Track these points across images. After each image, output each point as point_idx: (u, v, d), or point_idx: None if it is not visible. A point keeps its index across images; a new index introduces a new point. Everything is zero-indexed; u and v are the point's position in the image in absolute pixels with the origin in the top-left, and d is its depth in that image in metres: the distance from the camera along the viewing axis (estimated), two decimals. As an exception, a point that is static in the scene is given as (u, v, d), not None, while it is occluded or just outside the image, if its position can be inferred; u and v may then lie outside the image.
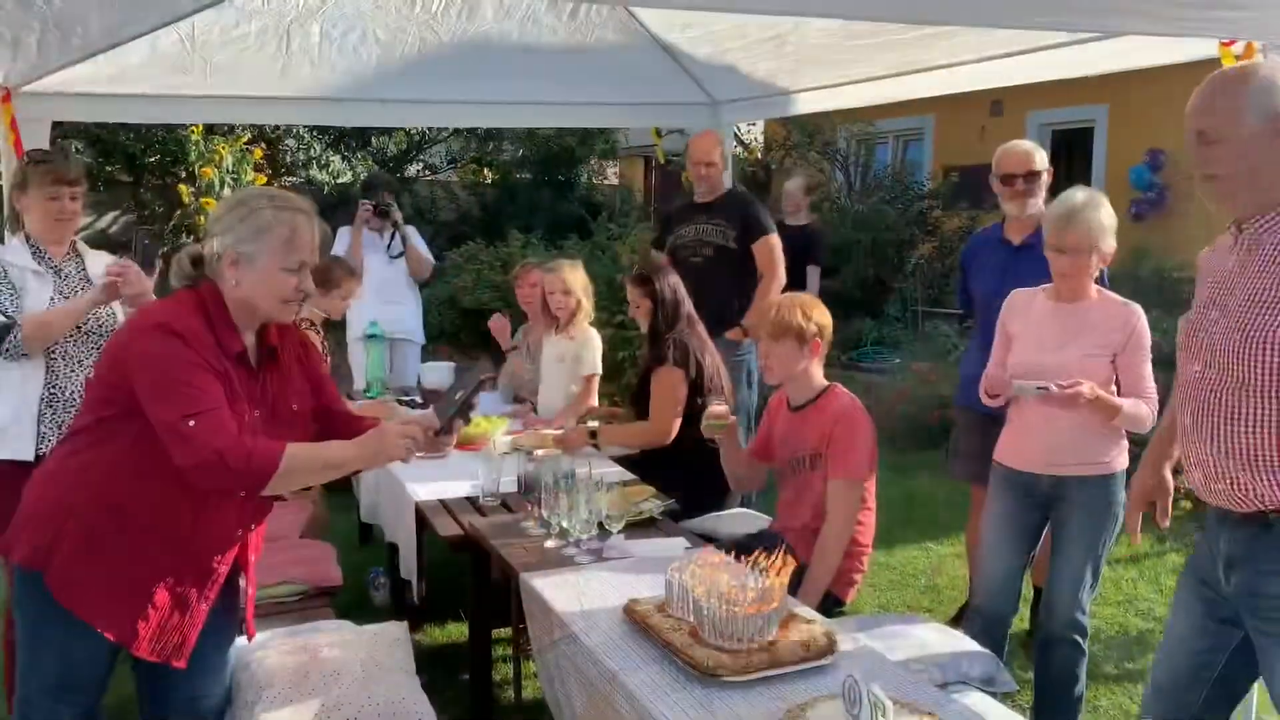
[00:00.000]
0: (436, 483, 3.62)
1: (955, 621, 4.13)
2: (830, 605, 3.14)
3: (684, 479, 3.79)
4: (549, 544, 2.88)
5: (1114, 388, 3.03)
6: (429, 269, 6.08)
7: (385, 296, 5.68)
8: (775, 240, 4.88)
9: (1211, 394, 2.13)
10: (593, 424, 4.10)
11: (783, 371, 3.27)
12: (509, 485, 3.35)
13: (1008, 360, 3.14)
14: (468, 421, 2.44)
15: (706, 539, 3.33)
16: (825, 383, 3.30)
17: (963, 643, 2.80)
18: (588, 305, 4.63)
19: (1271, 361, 2.02)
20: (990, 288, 3.57)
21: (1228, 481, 2.13)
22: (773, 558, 2.20)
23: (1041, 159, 3.76)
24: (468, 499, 3.44)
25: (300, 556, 3.48)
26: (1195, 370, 2.17)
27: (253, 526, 2.39)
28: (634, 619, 2.29)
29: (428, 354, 9.43)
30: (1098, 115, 12.45)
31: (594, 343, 4.62)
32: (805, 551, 3.09)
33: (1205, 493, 2.21)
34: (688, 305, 4.12)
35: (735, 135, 6.46)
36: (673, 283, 4.11)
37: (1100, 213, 2.99)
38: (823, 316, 3.26)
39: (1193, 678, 2.33)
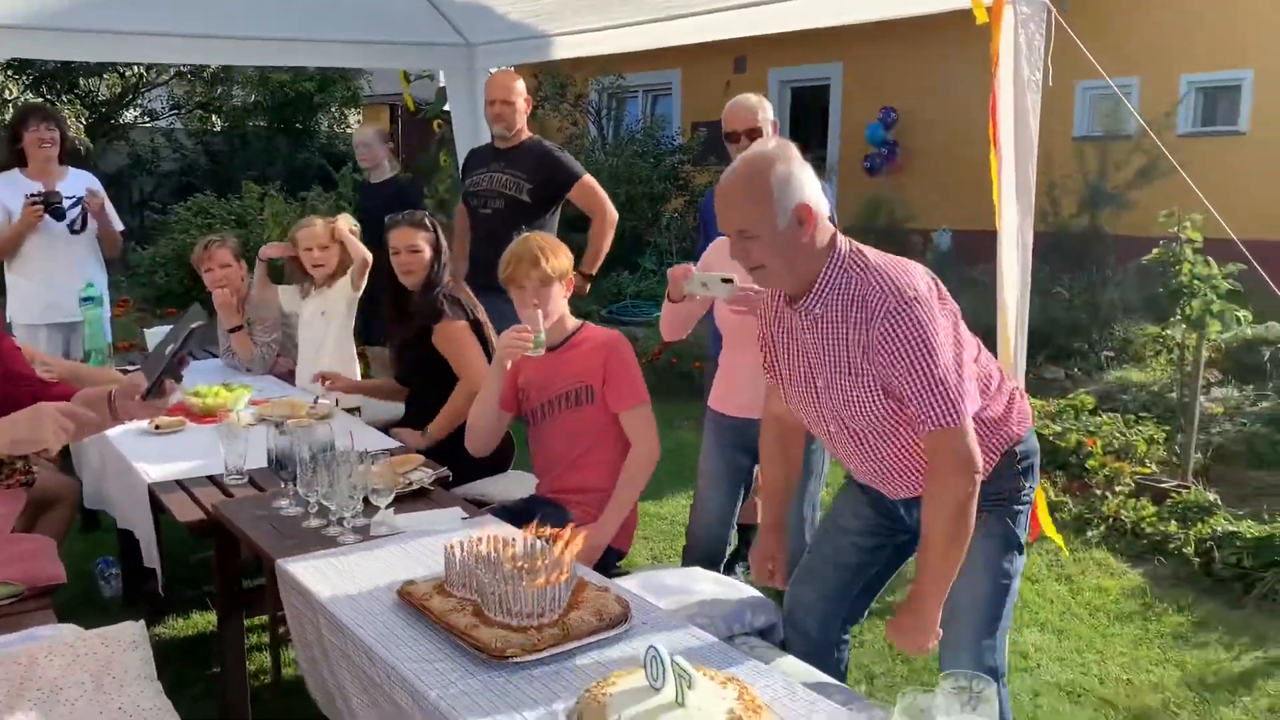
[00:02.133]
0: (172, 462, 3.25)
1: (727, 568, 4.20)
2: (611, 559, 3.05)
3: (451, 442, 3.60)
4: (308, 524, 2.61)
5: None
6: (119, 247, 5.22)
7: (63, 279, 4.80)
8: (590, 181, 4.65)
9: (845, 437, 2.33)
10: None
11: (555, 316, 3.11)
12: (257, 462, 3.04)
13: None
14: (179, 379, 2.14)
15: (480, 505, 3.16)
16: (576, 320, 3.18)
17: (740, 590, 2.77)
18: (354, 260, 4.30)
19: (877, 414, 2.22)
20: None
21: (879, 481, 2.39)
22: (562, 529, 2.06)
23: (765, 115, 3.68)
24: (209, 478, 3.10)
25: (12, 554, 3.01)
26: (824, 429, 2.37)
27: None
28: (410, 602, 2.09)
29: (156, 318, 8.65)
30: (833, 73, 13.00)
31: (344, 287, 4.28)
32: (586, 511, 2.98)
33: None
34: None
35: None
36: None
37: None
38: (565, 248, 3.13)
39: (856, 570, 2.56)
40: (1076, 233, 9.59)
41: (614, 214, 4.72)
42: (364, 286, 4.28)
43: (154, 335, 4.89)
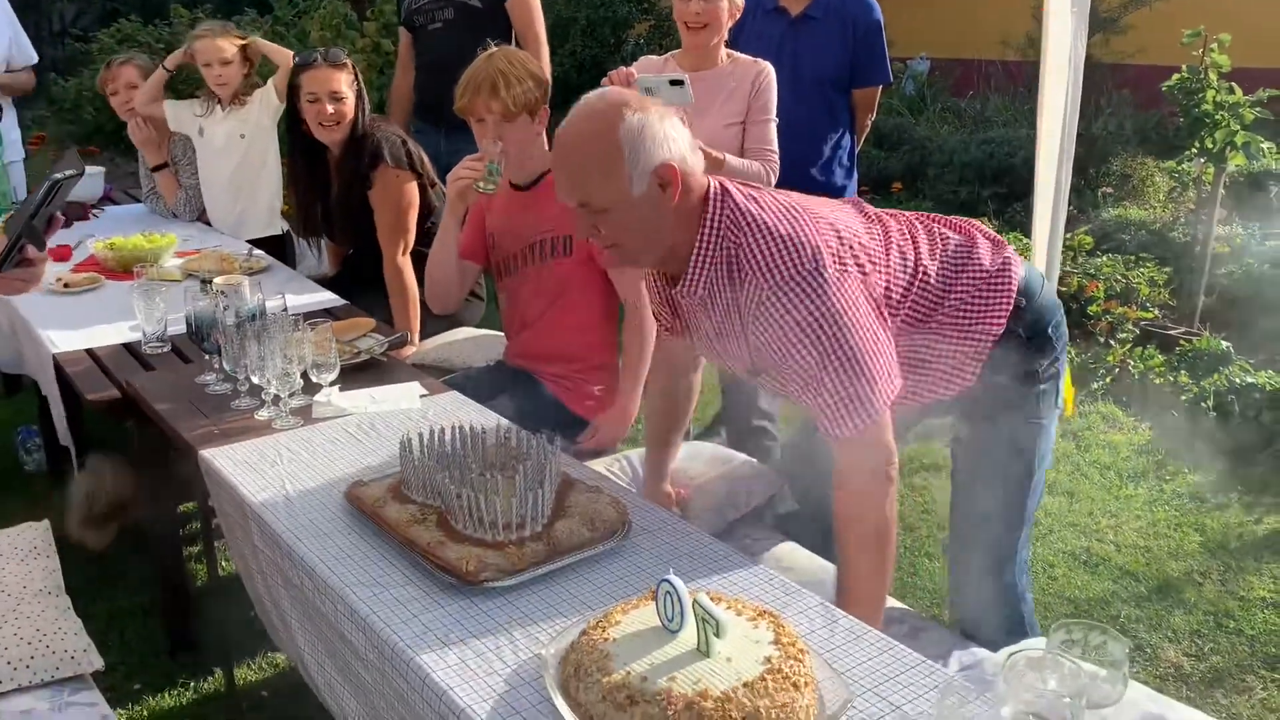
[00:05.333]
0: (83, 327, 2.81)
1: (709, 429, 3.89)
2: (580, 427, 2.67)
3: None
4: (238, 404, 2.22)
5: None
6: (30, 84, 4.54)
7: None
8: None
9: None
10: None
11: (522, 156, 2.64)
12: (179, 324, 2.60)
13: None
14: (42, 245, 1.70)
15: (437, 372, 2.78)
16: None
17: (737, 462, 2.44)
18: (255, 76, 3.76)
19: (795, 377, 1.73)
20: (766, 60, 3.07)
21: None
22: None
23: None
24: (125, 346, 2.67)
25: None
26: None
27: None
28: (362, 508, 1.72)
29: (84, 158, 7.96)
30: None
31: (275, 101, 3.72)
32: (559, 382, 2.60)
33: None
34: None
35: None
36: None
37: None
38: (541, 71, 2.61)
39: None
40: (1067, 60, 9.07)
41: (544, 41, 4.02)
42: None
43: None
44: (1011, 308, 1.85)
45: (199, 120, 3.80)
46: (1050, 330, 1.92)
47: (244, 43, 3.74)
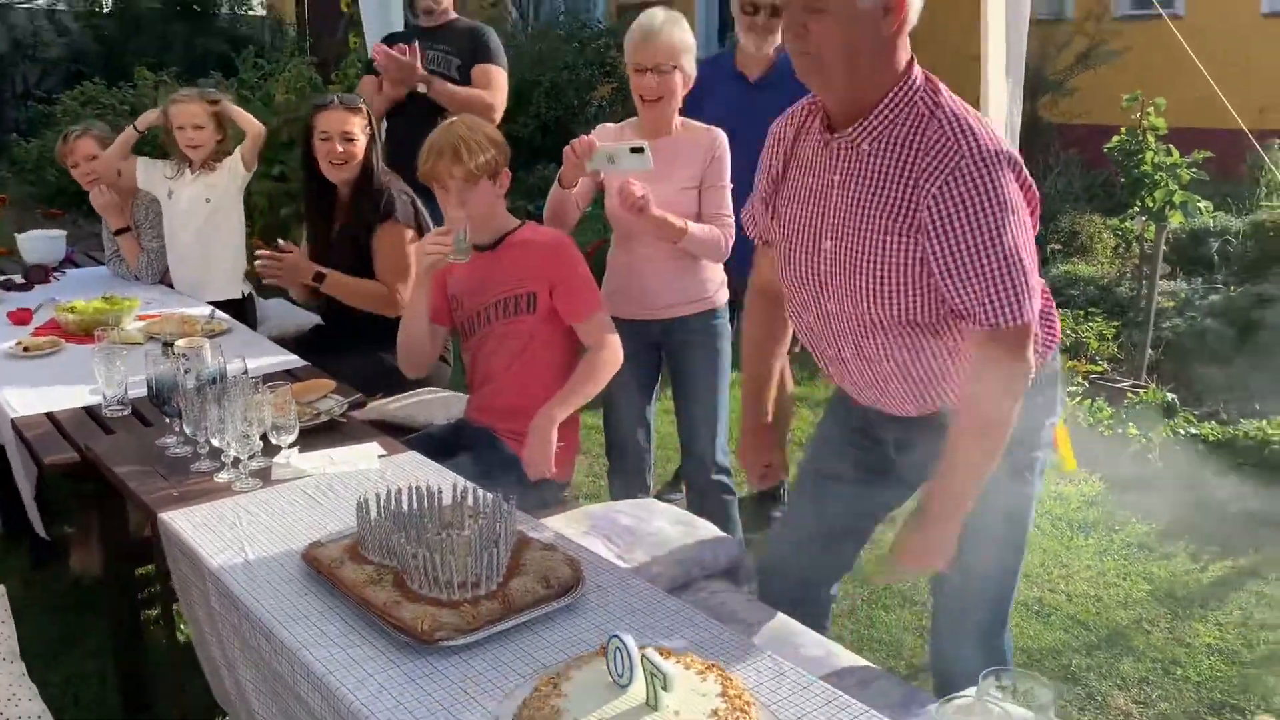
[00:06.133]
0: (43, 389, 2.83)
1: (671, 485, 3.94)
2: (554, 490, 2.72)
3: (363, 354, 3.24)
4: (198, 467, 2.24)
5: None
6: None
7: None
8: (497, 70, 4.14)
9: (852, 332, 1.89)
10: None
11: (485, 218, 2.70)
12: (139, 388, 2.63)
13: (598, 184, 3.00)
14: None
15: (400, 430, 2.81)
16: (515, 218, 2.77)
17: (699, 529, 2.49)
18: (234, 141, 3.83)
19: (894, 296, 1.79)
20: (724, 124, 3.18)
21: (871, 390, 1.96)
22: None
23: None
24: (85, 410, 2.69)
25: None
26: (814, 310, 1.93)
27: None
28: (319, 569, 1.75)
29: (38, 220, 7.96)
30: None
31: (235, 164, 3.82)
32: (519, 439, 2.64)
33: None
34: None
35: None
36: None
37: (682, 30, 2.88)
38: (498, 134, 2.69)
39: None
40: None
41: (495, 115, 4.12)
42: (256, 167, 3.83)
43: (29, 240, 4.37)
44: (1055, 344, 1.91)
45: (168, 182, 3.85)
46: (1057, 388, 1.98)
47: (217, 109, 3.81)
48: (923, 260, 1.72)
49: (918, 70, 1.76)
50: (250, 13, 16.23)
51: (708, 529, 2.47)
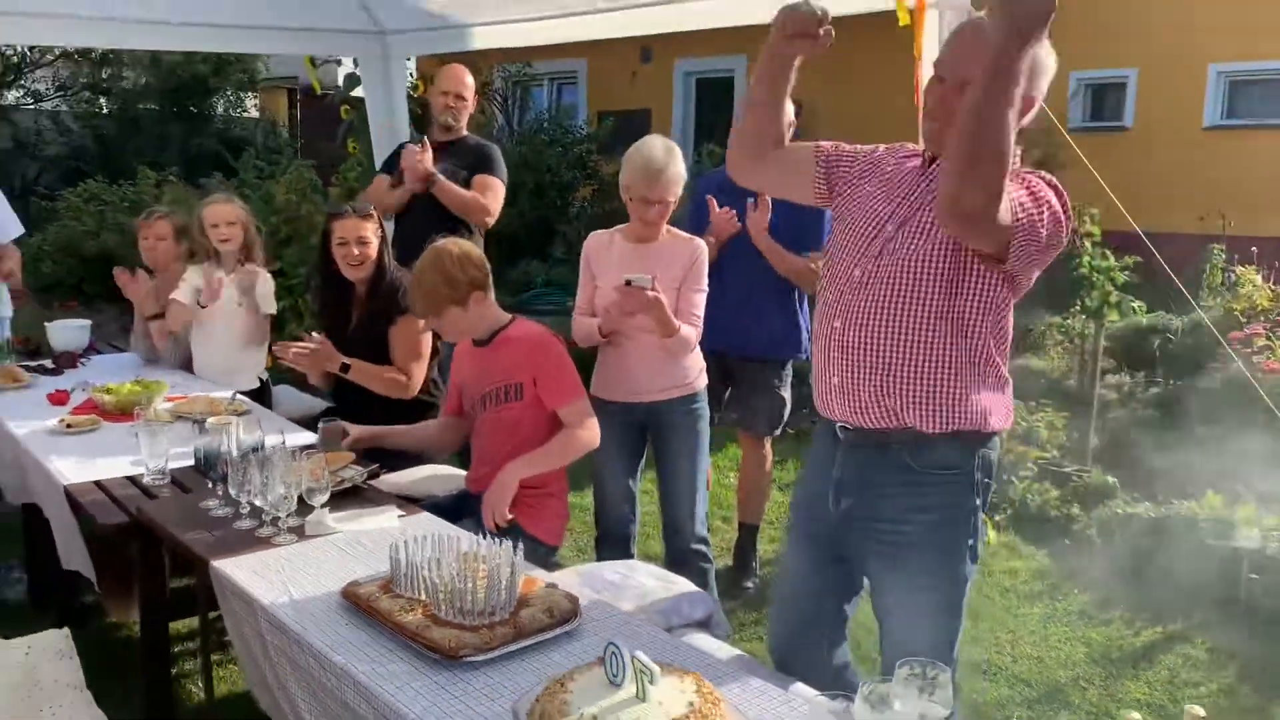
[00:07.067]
0: (88, 459, 3.14)
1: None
2: (543, 553, 3.05)
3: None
4: (240, 525, 2.56)
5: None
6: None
7: None
8: (495, 180, 4.59)
9: (870, 302, 2.16)
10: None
11: (466, 330, 3.13)
12: (179, 459, 2.96)
13: (595, 297, 3.40)
14: None
15: (407, 500, 3.14)
16: (506, 315, 3.17)
17: (677, 584, 2.81)
18: (258, 239, 4.23)
19: (935, 275, 2.09)
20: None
21: (867, 384, 2.17)
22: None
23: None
24: (129, 479, 3.00)
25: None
26: (858, 281, 2.18)
27: None
28: (357, 603, 2.07)
29: (54, 312, 8.28)
30: (738, 66, 13.12)
31: (270, 280, 4.24)
32: (514, 506, 2.97)
33: (833, 401, 2.25)
34: None
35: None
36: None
37: (679, 163, 3.28)
38: (467, 260, 3.04)
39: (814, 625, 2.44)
40: (976, 225, 9.90)
41: (489, 219, 4.62)
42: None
43: (59, 328, 4.71)
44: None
45: (200, 278, 4.21)
46: (993, 477, 2.24)
47: (245, 214, 4.21)
48: (968, 261, 2.05)
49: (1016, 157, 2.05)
50: (244, 115, 16.86)
51: (685, 585, 2.80)
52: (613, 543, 3.54)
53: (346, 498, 2.77)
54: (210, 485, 2.73)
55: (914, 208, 2.17)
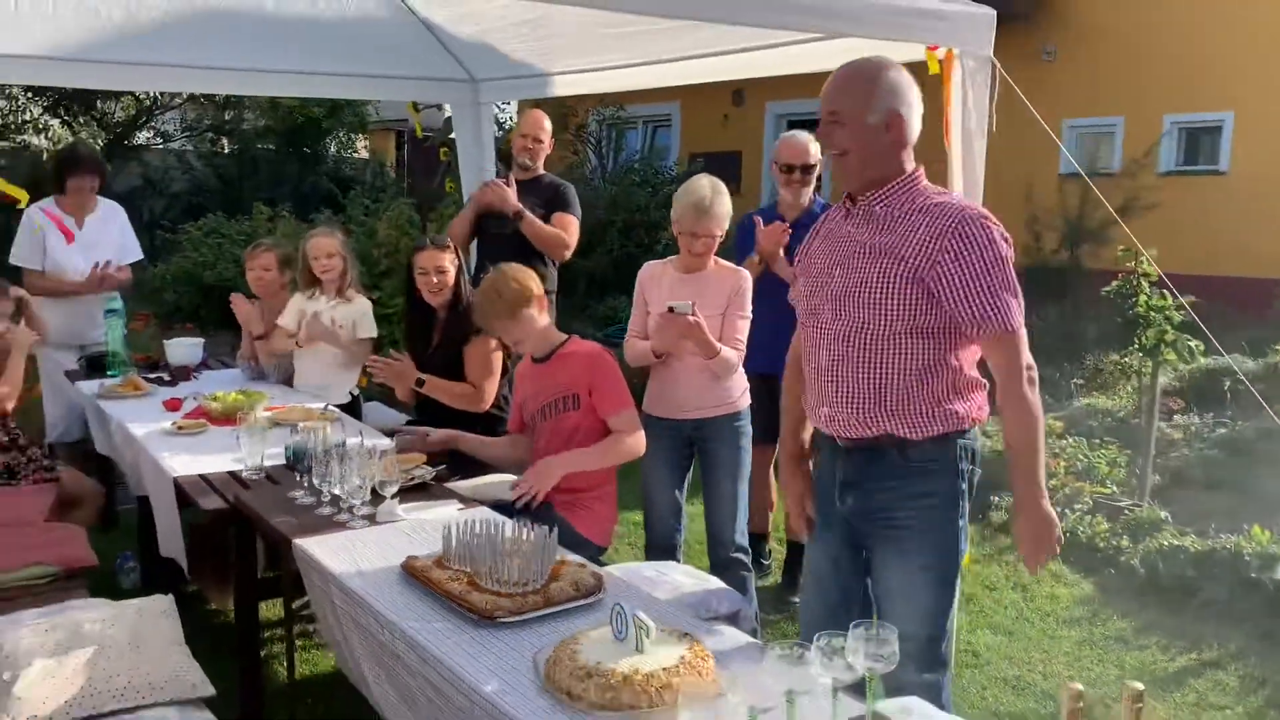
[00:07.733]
0: (193, 456, 3.56)
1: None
2: (592, 552, 3.34)
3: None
4: (321, 511, 2.92)
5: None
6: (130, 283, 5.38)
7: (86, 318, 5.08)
8: (572, 219, 4.97)
9: (841, 340, 2.45)
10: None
11: (537, 337, 3.47)
12: (272, 459, 3.35)
13: (648, 322, 3.67)
14: None
15: (470, 502, 3.47)
16: (562, 334, 3.52)
17: (711, 583, 3.08)
18: (354, 270, 4.64)
19: (893, 310, 2.36)
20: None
21: (853, 409, 2.45)
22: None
23: (816, 152, 4.23)
24: (230, 474, 3.40)
25: (47, 539, 3.33)
26: (824, 342, 2.49)
27: None
28: (413, 574, 2.40)
29: (173, 332, 8.96)
30: (826, 108, 13.35)
31: (368, 306, 4.63)
32: (569, 508, 3.28)
33: (828, 425, 2.53)
34: None
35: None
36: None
37: (725, 200, 3.59)
38: (528, 273, 3.48)
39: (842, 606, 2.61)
40: (1056, 266, 9.95)
41: (567, 252, 5.00)
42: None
43: (176, 345, 5.21)
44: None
45: (308, 303, 4.64)
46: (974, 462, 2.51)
47: (344, 247, 4.63)
48: (912, 280, 2.33)
49: (921, 173, 2.44)
50: (355, 155, 17.75)
51: (717, 584, 3.06)
52: (659, 552, 3.80)
53: (415, 493, 3.11)
54: (297, 478, 3.10)
55: (847, 251, 2.47)
